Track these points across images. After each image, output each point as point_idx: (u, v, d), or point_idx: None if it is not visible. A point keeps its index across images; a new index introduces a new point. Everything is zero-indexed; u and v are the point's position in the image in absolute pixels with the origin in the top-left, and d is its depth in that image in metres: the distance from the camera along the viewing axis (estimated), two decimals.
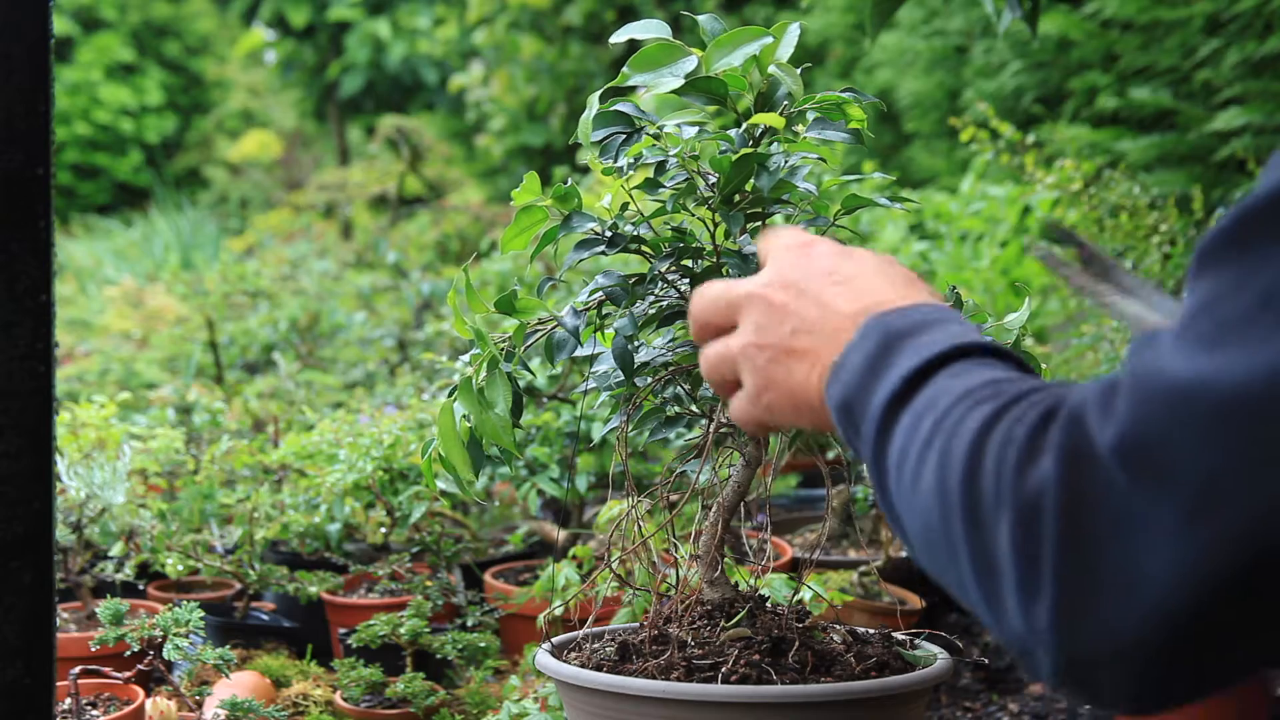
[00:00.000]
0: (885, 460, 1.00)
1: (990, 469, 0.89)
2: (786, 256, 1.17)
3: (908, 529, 0.98)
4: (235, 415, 4.05)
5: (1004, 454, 0.88)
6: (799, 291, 1.13)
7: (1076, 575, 0.84)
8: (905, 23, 6.05)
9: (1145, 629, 0.83)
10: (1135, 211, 3.25)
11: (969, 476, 0.90)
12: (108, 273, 8.34)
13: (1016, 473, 0.87)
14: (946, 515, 0.92)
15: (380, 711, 2.28)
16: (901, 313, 1.06)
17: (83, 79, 14.08)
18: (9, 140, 1.06)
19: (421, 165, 9.04)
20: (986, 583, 0.89)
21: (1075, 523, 0.84)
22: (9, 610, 1.07)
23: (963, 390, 0.96)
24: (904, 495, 0.97)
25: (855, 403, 1.03)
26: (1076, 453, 0.85)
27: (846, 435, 1.06)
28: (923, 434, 0.96)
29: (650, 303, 1.69)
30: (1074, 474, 0.84)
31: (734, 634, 1.62)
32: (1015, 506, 0.86)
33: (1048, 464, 0.86)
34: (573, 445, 3.01)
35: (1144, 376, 0.84)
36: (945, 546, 0.92)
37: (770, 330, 1.13)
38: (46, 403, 1.08)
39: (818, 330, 1.11)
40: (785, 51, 1.56)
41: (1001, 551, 0.87)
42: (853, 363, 1.05)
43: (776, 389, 1.14)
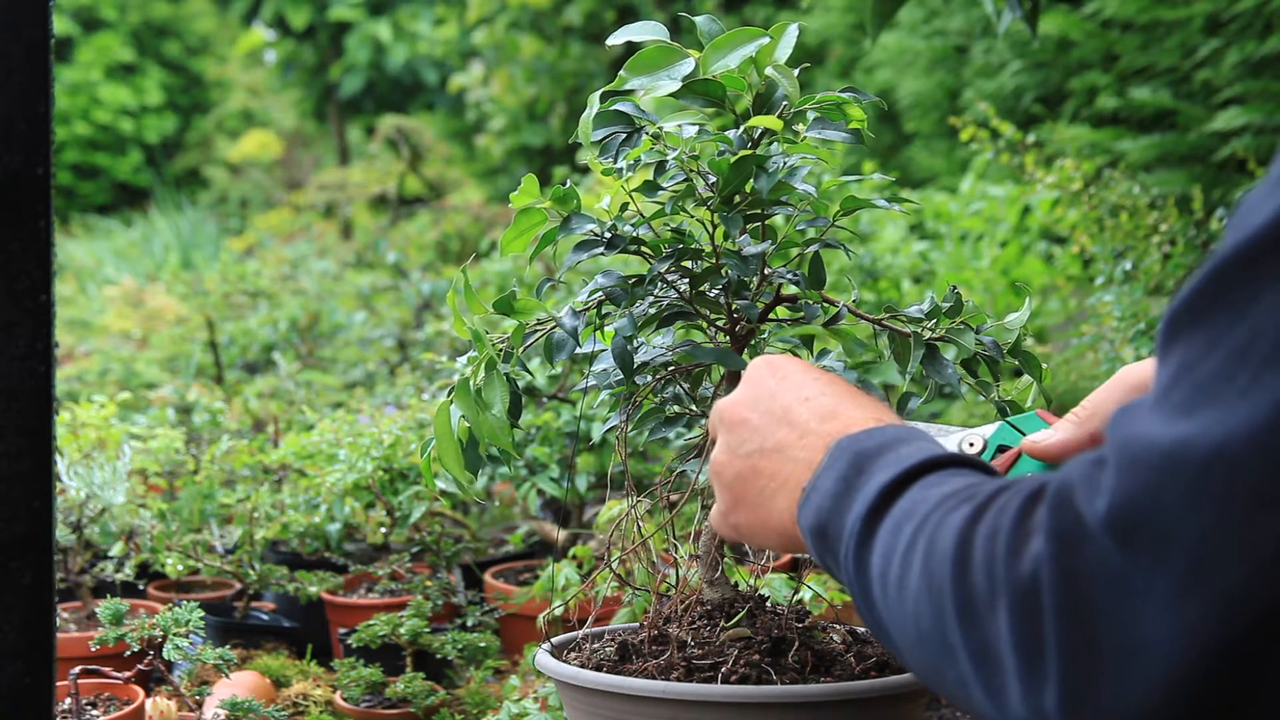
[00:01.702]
0: (867, 573, 0.99)
1: (980, 562, 0.88)
2: (755, 377, 1.19)
3: (897, 638, 0.97)
4: (235, 415, 4.05)
5: (992, 545, 0.88)
6: (765, 411, 1.15)
7: (1079, 654, 0.83)
8: (905, 23, 6.05)
9: (1154, 700, 0.81)
10: (1135, 211, 3.25)
11: (959, 572, 0.89)
12: (108, 273, 8.34)
13: (1008, 559, 0.86)
14: (939, 615, 0.91)
15: (380, 711, 2.28)
16: (870, 433, 1.07)
17: (83, 79, 14.08)
18: (9, 140, 1.06)
19: (421, 165, 9.04)
20: (988, 675, 0.88)
21: (1073, 601, 0.83)
22: (9, 610, 1.07)
23: (939, 496, 0.96)
24: (890, 604, 0.96)
25: (829, 524, 1.04)
26: (1066, 530, 0.84)
27: (822, 559, 1.06)
28: (904, 541, 0.96)
29: (650, 303, 1.69)
30: (1066, 552, 0.83)
31: (734, 634, 1.63)
32: (1010, 593, 0.85)
33: (1038, 545, 0.85)
34: (572, 445, 3.01)
35: (1126, 446, 0.83)
36: (940, 647, 0.91)
37: (737, 448, 1.16)
38: (46, 403, 1.08)
39: (786, 450, 1.12)
40: (783, 52, 1.56)
41: (1001, 640, 0.86)
42: (824, 486, 1.05)
43: (745, 509, 1.16)
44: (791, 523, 1.10)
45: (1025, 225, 4.78)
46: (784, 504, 1.11)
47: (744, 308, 1.66)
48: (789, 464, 1.11)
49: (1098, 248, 3.32)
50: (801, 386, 1.16)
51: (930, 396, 1.69)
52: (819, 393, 1.15)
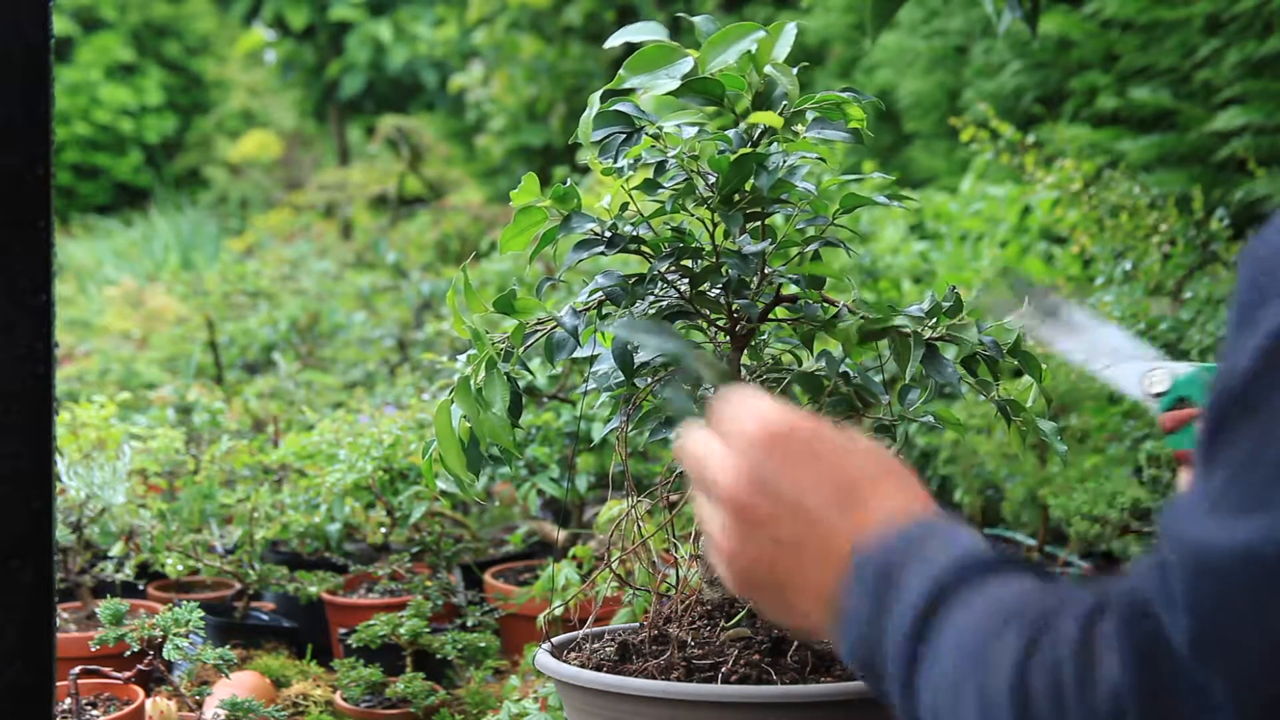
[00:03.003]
0: (915, 707, 0.92)
1: (1041, 697, 0.82)
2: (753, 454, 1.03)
3: None
4: (235, 415, 4.05)
5: (1056, 676, 0.82)
6: (774, 497, 1.01)
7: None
8: (905, 23, 6.04)
9: None
10: (1135, 211, 3.25)
11: (1022, 701, 0.83)
12: (108, 273, 8.34)
13: (1079, 689, 0.80)
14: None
15: (380, 711, 2.28)
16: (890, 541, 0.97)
17: (83, 79, 14.07)
18: (9, 140, 1.06)
19: (421, 165, 9.04)
20: None
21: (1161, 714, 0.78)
22: (9, 610, 1.07)
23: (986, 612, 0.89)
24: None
25: (872, 653, 0.96)
26: (1147, 648, 0.79)
27: (871, 684, 0.99)
28: (949, 674, 0.89)
29: (650, 303, 1.69)
30: (1150, 673, 0.79)
31: (734, 634, 1.63)
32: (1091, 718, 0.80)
33: (1114, 668, 0.80)
34: (573, 445, 3.01)
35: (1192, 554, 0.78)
36: None
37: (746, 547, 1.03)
38: (46, 403, 1.08)
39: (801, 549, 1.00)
40: (782, 50, 1.56)
41: None
42: (857, 612, 0.97)
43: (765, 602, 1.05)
44: (820, 623, 1.01)
45: (1025, 225, 4.78)
46: (809, 600, 1.01)
47: (744, 307, 1.66)
48: (809, 561, 1.00)
49: (1098, 248, 3.32)
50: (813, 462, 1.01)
51: (930, 396, 1.69)
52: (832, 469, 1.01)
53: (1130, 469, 2.88)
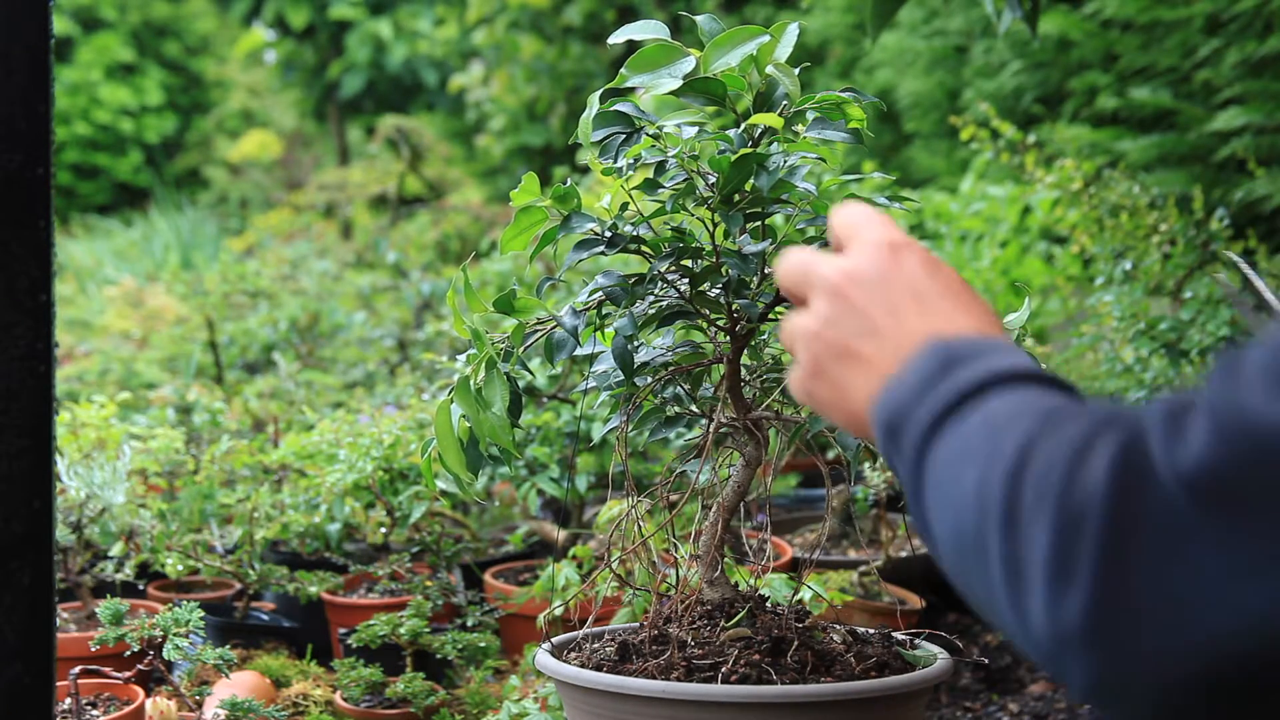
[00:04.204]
0: (924, 471, 0.98)
1: (1036, 474, 0.87)
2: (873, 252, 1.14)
3: (938, 534, 0.96)
4: (235, 415, 4.05)
5: (1053, 457, 0.87)
6: (873, 293, 1.11)
7: (1115, 592, 0.82)
8: (905, 23, 6.05)
9: (1193, 664, 0.80)
10: (1135, 211, 3.25)
11: (1013, 481, 0.88)
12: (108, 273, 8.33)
13: (1065, 476, 0.85)
14: (983, 519, 0.90)
15: (380, 711, 2.28)
16: (966, 339, 1.05)
17: (83, 79, 14.08)
18: (9, 140, 1.06)
19: (421, 165, 9.04)
20: (1013, 586, 0.87)
21: (1122, 538, 0.82)
22: (9, 610, 1.07)
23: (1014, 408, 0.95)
24: (940, 499, 0.96)
25: (903, 420, 1.02)
26: (1133, 468, 0.83)
27: (885, 449, 1.05)
28: (968, 442, 0.95)
29: (650, 303, 1.69)
30: (1127, 488, 0.82)
31: (734, 634, 1.63)
32: (1058, 510, 0.84)
33: (1099, 472, 0.84)
34: (573, 445, 3.01)
35: (1228, 410, 0.81)
36: (975, 551, 0.91)
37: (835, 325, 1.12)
38: (46, 403, 1.08)
39: (883, 338, 1.09)
40: (784, 51, 1.56)
41: (1035, 553, 0.85)
42: (909, 380, 1.03)
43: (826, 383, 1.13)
44: (865, 409, 1.09)
45: (1025, 225, 4.78)
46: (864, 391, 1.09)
47: (744, 307, 1.66)
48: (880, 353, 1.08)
49: (1098, 248, 3.32)
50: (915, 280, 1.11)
51: None
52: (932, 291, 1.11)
53: None
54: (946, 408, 0.99)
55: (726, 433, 1.72)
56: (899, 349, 1.07)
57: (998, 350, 1.03)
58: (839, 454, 1.75)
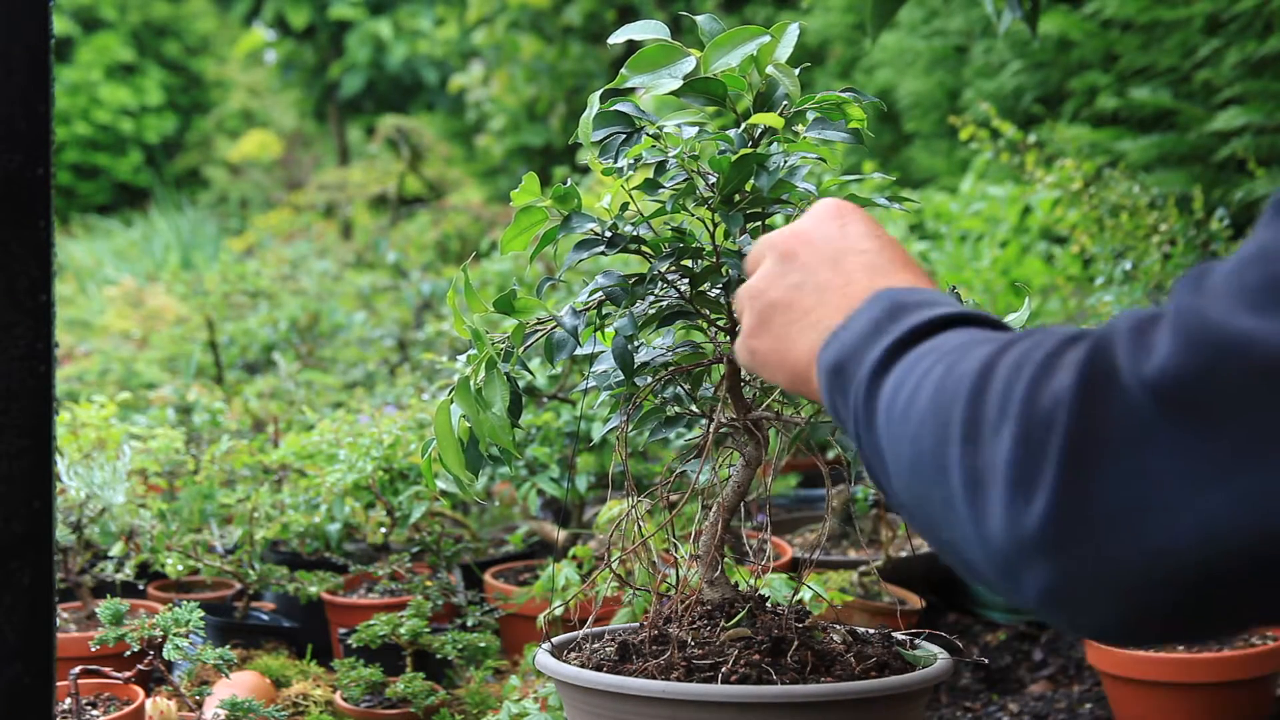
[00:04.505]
0: (875, 401, 0.98)
1: (998, 388, 0.88)
2: (820, 215, 1.18)
3: (890, 462, 0.96)
4: (235, 415, 4.05)
5: (1015, 374, 0.87)
6: (818, 251, 1.14)
7: (1078, 497, 0.82)
8: (905, 23, 6.05)
9: (1154, 569, 0.81)
10: (1135, 211, 3.25)
11: (973, 396, 0.89)
12: (108, 273, 8.33)
13: (1029, 388, 0.85)
14: (941, 435, 0.90)
15: (380, 711, 2.28)
16: (913, 290, 1.07)
17: (83, 79, 14.08)
18: (9, 140, 1.06)
19: (421, 165, 9.04)
20: (974, 498, 0.87)
21: (1085, 444, 0.82)
22: (9, 610, 1.07)
23: (969, 338, 0.96)
24: (893, 427, 0.96)
25: (849, 360, 1.03)
26: (1099, 375, 0.83)
27: (830, 398, 1.05)
28: (921, 369, 0.95)
29: (650, 303, 1.69)
30: (1093, 395, 0.83)
31: (734, 634, 1.63)
32: (1022, 420, 0.85)
33: (1065, 380, 0.84)
34: (573, 445, 3.01)
35: (1191, 318, 0.81)
36: (933, 467, 0.91)
37: (781, 279, 1.15)
38: (46, 403, 1.08)
39: (826, 290, 1.11)
40: (784, 51, 1.56)
41: (997, 462, 0.85)
42: (855, 326, 1.05)
43: (769, 337, 1.15)
44: (809, 361, 1.10)
45: (1025, 225, 4.78)
46: (808, 342, 1.11)
47: None
48: (825, 306, 1.11)
49: (1098, 248, 3.32)
50: (861, 239, 1.15)
51: None
52: (876, 249, 1.14)
53: None
54: (895, 345, 0.99)
55: (726, 433, 1.72)
56: (846, 299, 1.10)
57: (945, 301, 1.04)
58: (839, 454, 1.75)
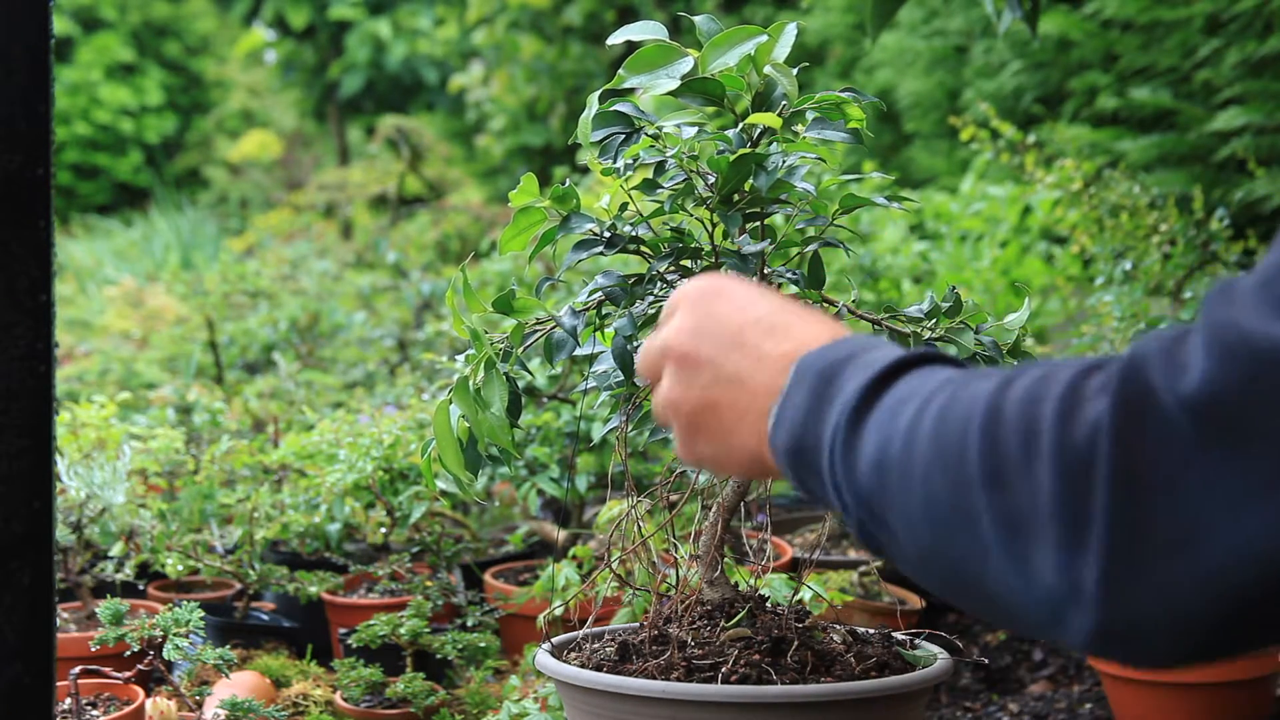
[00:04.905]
0: (855, 464, 0.94)
1: (1014, 425, 0.84)
2: (693, 305, 1.11)
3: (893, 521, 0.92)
4: (235, 415, 4.05)
5: (1033, 409, 0.83)
6: (709, 340, 1.08)
7: (1131, 531, 0.79)
8: (905, 23, 6.05)
9: (1204, 594, 0.78)
10: (1135, 211, 3.25)
11: (986, 438, 0.85)
12: (108, 273, 8.33)
13: (1058, 424, 0.82)
14: (956, 483, 0.86)
15: (380, 711, 2.28)
16: (834, 346, 1.02)
17: (83, 79, 14.08)
18: (9, 140, 1.06)
19: (421, 165, 9.04)
20: (1015, 542, 0.83)
21: (1130, 473, 0.79)
22: (9, 610, 1.07)
23: (941, 380, 0.91)
24: (891, 485, 0.91)
25: (805, 435, 0.98)
26: (1135, 401, 0.80)
27: (799, 478, 1.01)
28: (905, 419, 0.91)
29: (649, 303, 1.69)
30: (1131, 423, 0.79)
31: (734, 634, 1.63)
32: (1057, 455, 0.81)
33: (1099, 411, 0.81)
34: (573, 445, 3.01)
35: (1225, 331, 0.78)
36: (954, 517, 0.87)
37: (689, 385, 1.09)
38: (46, 403, 1.08)
39: (741, 377, 1.06)
40: (782, 51, 1.56)
41: (1039, 506, 0.82)
42: (795, 403, 1.00)
43: (706, 440, 1.09)
44: (760, 448, 1.05)
45: (1025, 225, 4.78)
46: (749, 431, 1.05)
47: None
48: (748, 392, 1.05)
49: (1098, 248, 3.32)
50: (747, 306, 1.09)
51: None
52: (768, 311, 1.08)
53: None
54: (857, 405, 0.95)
55: None
56: (767, 378, 1.04)
57: (871, 346, 1.00)
58: None
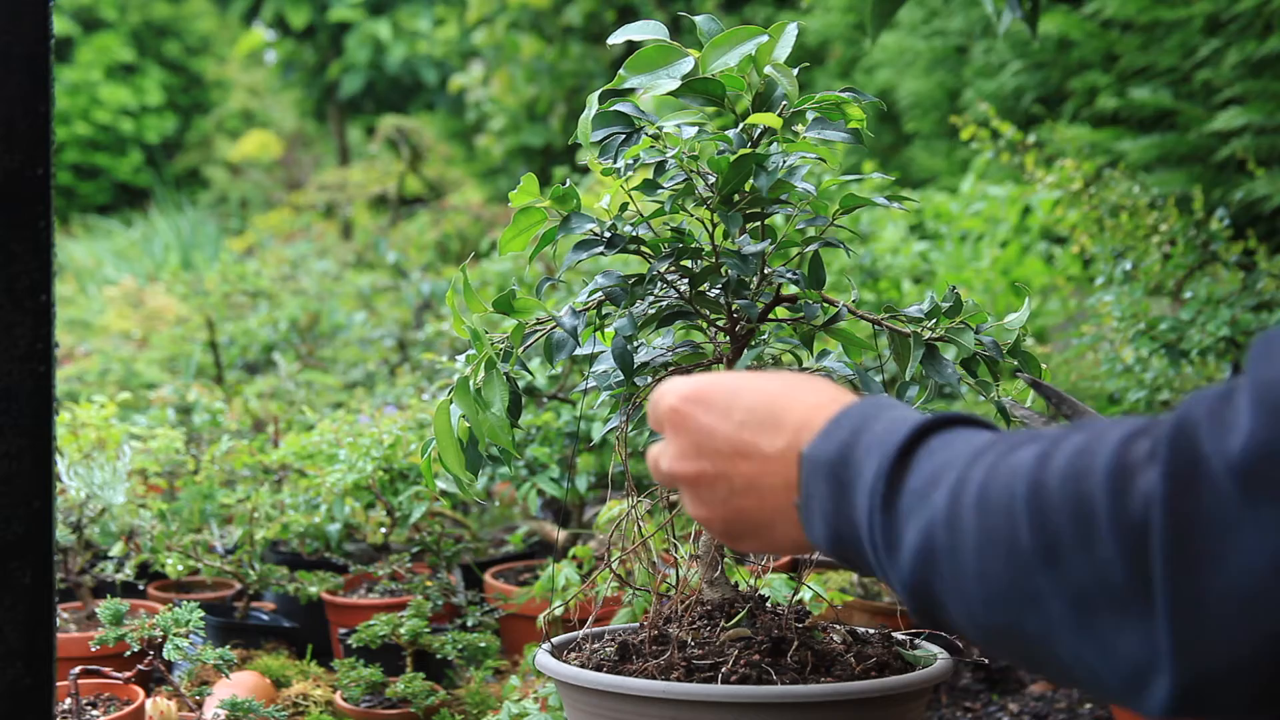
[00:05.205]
0: (902, 559, 0.94)
1: (1064, 502, 0.83)
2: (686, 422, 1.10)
3: (951, 603, 0.92)
4: (235, 415, 4.05)
5: (1083, 486, 0.83)
6: (712, 453, 1.08)
7: (1193, 596, 0.79)
8: (905, 23, 6.05)
9: (1262, 653, 0.78)
10: (1135, 211, 3.25)
11: (1036, 516, 0.84)
12: (108, 273, 8.33)
13: (1112, 499, 0.81)
14: (1016, 565, 0.86)
15: (380, 711, 2.28)
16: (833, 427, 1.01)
17: (83, 79, 14.08)
18: (9, 140, 1.06)
19: (421, 165, 9.04)
20: (1084, 621, 0.83)
21: (1187, 541, 0.79)
22: (9, 610, 1.07)
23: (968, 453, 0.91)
24: (944, 576, 0.91)
25: (841, 529, 0.99)
26: (1186, 469, 0.79)
27: (851, 564, 1.01)
28: (941, 506, 0.91)
29: (650, 303, 1.69)
30: (1184, 492, 0.79)
31: (734, 634, 1.63)
32: (1117, 534, 0.81)
33: (1152, 482, 0.80)
34: (573, 445, 3.01)
35: (1267, 390, 0.78)
36: (1018, 600, 0.86)
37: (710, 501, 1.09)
38: (46, 403, 1.08)
39: (757, 484, 1.06)
40: (783, 52, 1.56)
41: (1104, 583, 0.82)
42: (816, 500, 1.00)
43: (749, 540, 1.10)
44: (802, 538, 1.06)
45: (1025, 225, 4.78)
46: (784, 528, 1.06)
47: (744, 307, 1.66)
48: (769, 497, 1.06)
49: (1098, 248, 3.32)
50: (731, 409, 1.08)
51: (930, 396, 1.69)
52: (751, 406, 1.07)
53: None
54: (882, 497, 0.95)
55: None
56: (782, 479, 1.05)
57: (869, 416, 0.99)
58: None
